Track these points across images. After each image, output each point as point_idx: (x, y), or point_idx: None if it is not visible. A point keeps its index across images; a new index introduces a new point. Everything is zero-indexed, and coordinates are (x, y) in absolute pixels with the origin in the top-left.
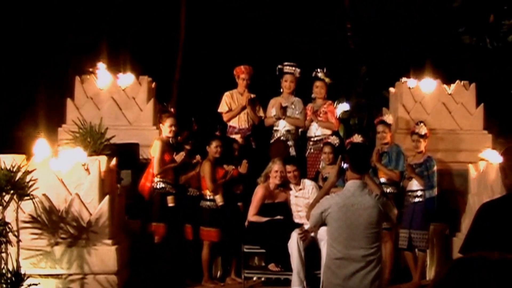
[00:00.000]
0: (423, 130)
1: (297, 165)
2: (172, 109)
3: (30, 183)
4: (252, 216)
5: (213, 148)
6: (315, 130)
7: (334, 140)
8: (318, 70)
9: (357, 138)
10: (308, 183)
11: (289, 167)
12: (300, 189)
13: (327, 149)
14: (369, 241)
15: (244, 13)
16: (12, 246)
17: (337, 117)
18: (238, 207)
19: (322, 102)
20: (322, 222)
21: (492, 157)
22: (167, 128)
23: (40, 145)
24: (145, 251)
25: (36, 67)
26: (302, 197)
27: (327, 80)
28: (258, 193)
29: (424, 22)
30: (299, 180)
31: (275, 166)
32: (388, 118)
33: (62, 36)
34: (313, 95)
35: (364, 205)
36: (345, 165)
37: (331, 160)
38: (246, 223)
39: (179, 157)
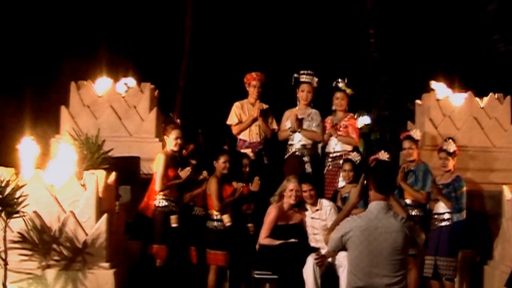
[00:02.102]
0: (451, 147)
1: (313, 183)
2: (178, 120)
3: (20, 199)
4: (263, 239)
5: (221, 163)
6: (334, 145)
7: (355, 156)
8: (339, 80)
9: (383, 155)
10: (325, 204)
11: (304, 186)
12: (317, 210)
13: (347, 166)
14: (393, 269)
15: (256, 16)
16: None
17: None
18: (248, 228)
19: (343, 115)
20: (342, 247)
21: None
22: (172, 140)
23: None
24: (146, 276)
25: (28, 71)
26: (318, 219)
27: (348, 91)
28: (271, 213)
29: (454, 28)
30: (316, 200)
31: (290, 185)
32: (416, 133)
33: (56, 38)
34: (333, 107)
35: (389, 229)
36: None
37: (351, 178)
38: (257, 246)
39: (184, 172)
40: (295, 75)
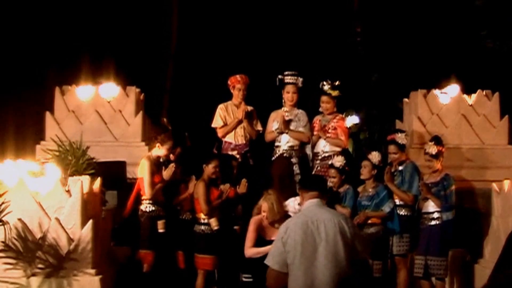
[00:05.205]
0: (433, 149)
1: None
2: (169, 127)
3: (3, 206)
4: (248, 249)
5: (211, 168)
6: (323, 146)
7: (337, 162)
8: (324, 83)
9: (374, 157)
10: None
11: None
12: None
13: (332, 172)
14: (334, 262)
15: (241, 17)
16: None
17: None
18: (236, 231)
19: (332, 116)
20: (284, 253)
21: None
22: (164, 150)
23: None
24: (133, 282)
25: (11, 76)
26: None
27: (334, 93)
28: (251, 225)
29: (442, 25)
30: None
31: (263, 205)
32: (401, 137)
33: (39, 41)
34: (320, 109)
35: (325, 220)
36: None
37: (336, 184)
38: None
39: (169, 170)
40: (280, 76)
